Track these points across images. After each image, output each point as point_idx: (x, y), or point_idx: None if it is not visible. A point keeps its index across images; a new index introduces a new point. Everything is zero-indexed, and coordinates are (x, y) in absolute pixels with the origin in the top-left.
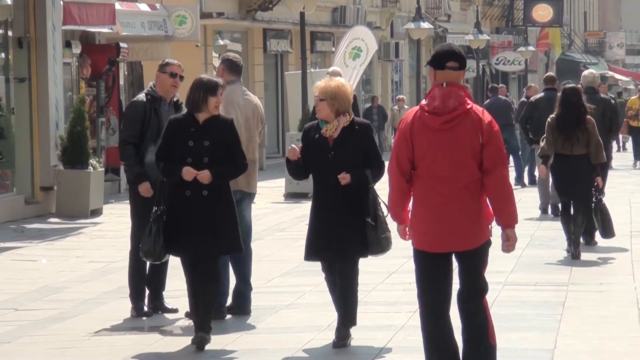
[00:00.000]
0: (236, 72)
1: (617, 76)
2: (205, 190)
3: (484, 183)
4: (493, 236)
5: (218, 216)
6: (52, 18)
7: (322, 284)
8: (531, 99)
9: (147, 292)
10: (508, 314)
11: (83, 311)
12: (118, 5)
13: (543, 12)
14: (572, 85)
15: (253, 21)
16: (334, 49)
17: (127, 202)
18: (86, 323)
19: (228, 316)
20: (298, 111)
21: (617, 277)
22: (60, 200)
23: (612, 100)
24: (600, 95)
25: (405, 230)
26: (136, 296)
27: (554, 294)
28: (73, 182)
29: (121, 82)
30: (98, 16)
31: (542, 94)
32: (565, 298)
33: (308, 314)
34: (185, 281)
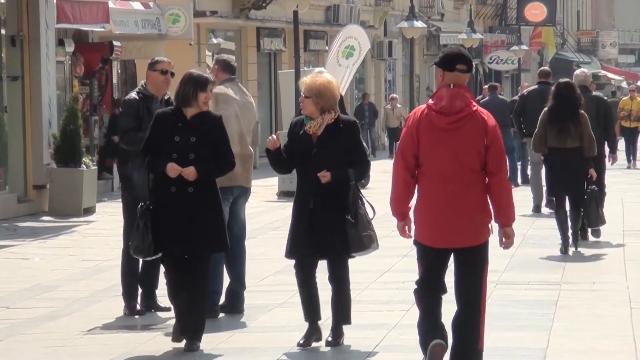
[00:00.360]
0: (230, 71)
1: (610, 75)
2: (191, 187)
3: (488, 183)
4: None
5: (204, 214)
6: (45, 16)
7: (321, 282)
8: (524, 92)
9: (140, 291)
10: (501, 313)
11: (76, 310)
12: (111, 3)
13: (536, 11)
14: (567, 79)
15: (246, 20)
16: (328, 48)
17: (120, 201)
18: (79, 321)
19: (221, 315)
20: (291, 110)
21: (610, 276)
22: (53, 198)
23: (605, 98)
24: (592, 93)
25: (405, 228)
26: (129, 295)
27: (547, 293)
28: (66, 181)
29: (114, 81)
30: (91, 14)
31: (536, 87)
32: (558, 297)
33: (301, 313)
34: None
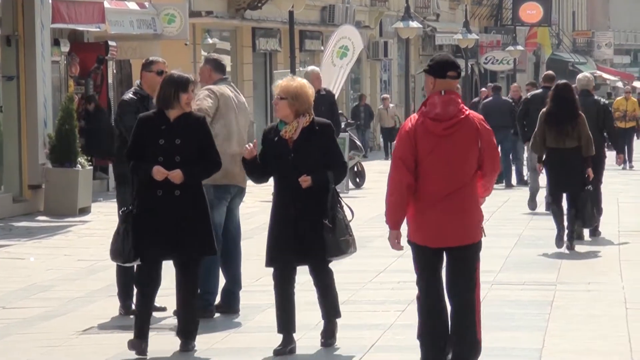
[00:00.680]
0: (222, 71)
1: (606, 76)
2: (177, 190)
3: (481, 182)
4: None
5: (191, 217)
6: (41, 16)
7: (310, 283)
8: (527, 96)
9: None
10: (496, 313)
11: (71, 309)
12: (107, 3)
13: (532, 12)
14: (565, 81)
15: (242, 20)
16: (323, 48)
17: (115, 201)
18: (74, 321)
19: (217, 315)
20: None
21: (605, 277)
22: (48, 198)
23: (606, 102)
24: (594, 97)
25: (395, 240)
26: (124, 294)
27: (542, 293)
28: (61, 181)
29: (110, 81)
30: (87, 14)
31: (539, 91)
32: (553, 297)
33: (296, 313)
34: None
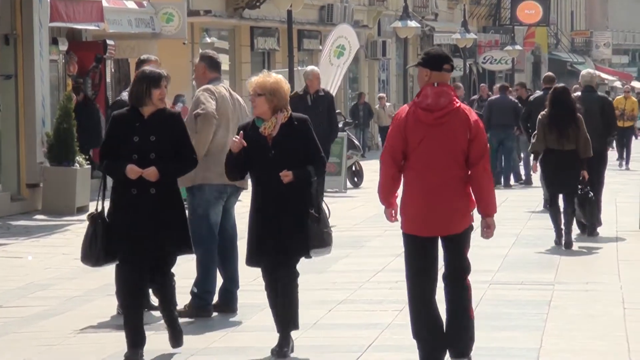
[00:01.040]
0: (217, 69)
1: (604, 75)
2: (152, 188)
3: (470, 174)
4: (478, 236)
5: (167, 215)
6: (39, 15)
7: (308, 282)
8: (530, 98)
9: None
10: (494, 313)
11: (69, 308)
12: (105, 2)
13: (531, 11)
14: (563, 85)
15: (240, 19)
16: (321, 47)
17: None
18: (72, 320)
19: (214, 314)
20: None
21: (603, 277)
22: (46, 197)
23: (609, 98)
24: (597, 93)
25: (391, 212)
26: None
27: (540, 293)
28: (59, 179)
29: (108, 80)
30: (85, 13)
31: (541, 93)
32: (551, 297)
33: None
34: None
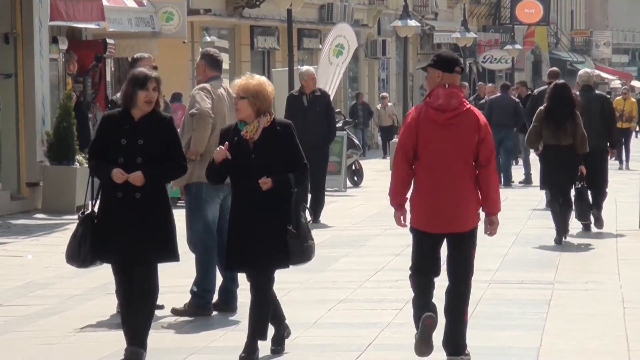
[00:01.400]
0: (218, 68)
1: (604, 75)
2: (137, 192)
3: (478, 175)
4: (480, 235)
5: (152, 221)
6: (39, 14)
7: (308, 281)
8: (534, 92)
9: None
10: (494, 312)
11: (69, 307)
12: (105, 1)
13: (531, 10)
14: (563, 81)
15: (240, 18)
16: (321, 46)
17: None
18: (72, 319)
19: (214, 313)
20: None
21: (603, 276)
22: (46, 196)
23: (608, 97)
24: (596, 92)
25: (400, 217)
26: None
27: (540, 293)
28: (59, 178)
29: (108, 79)
30: (85, 12)
31: (545, 87)
32: (551, 296)
33: (293, 311)
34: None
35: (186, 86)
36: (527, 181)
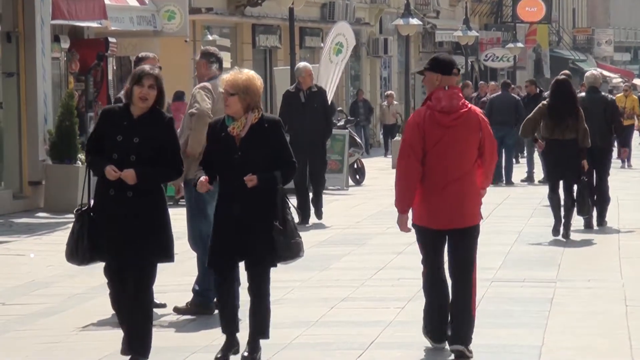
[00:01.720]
0: (218, 67)
1: (606, 73)
2: (130, 191)
3: (481, 170)
4: (480, 233)
5: (143, 221)
6: (41, 12)
7: (310, 280)
8: (544, 93)
9: None
10: (496, 311)
11: (71, 306)
12: (107, 0)
13: (532, 9)
14: (564, 77)
15: (242, 16)
16: (323, 45)
17: None
18: (74, 318)
19: (216, 312)
20: None
21: (605, 274)
22: (48, 195)
23: (613, 98)
24: (601, 94)
25: (405, 221)
26: None
27: (542, 291)
28: (61, 177)
29: (110, 77)
30: (87, 11)
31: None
32: (553, 294)
33: (296, 310)
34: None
35: (188, 85)
36: (530, 179)
